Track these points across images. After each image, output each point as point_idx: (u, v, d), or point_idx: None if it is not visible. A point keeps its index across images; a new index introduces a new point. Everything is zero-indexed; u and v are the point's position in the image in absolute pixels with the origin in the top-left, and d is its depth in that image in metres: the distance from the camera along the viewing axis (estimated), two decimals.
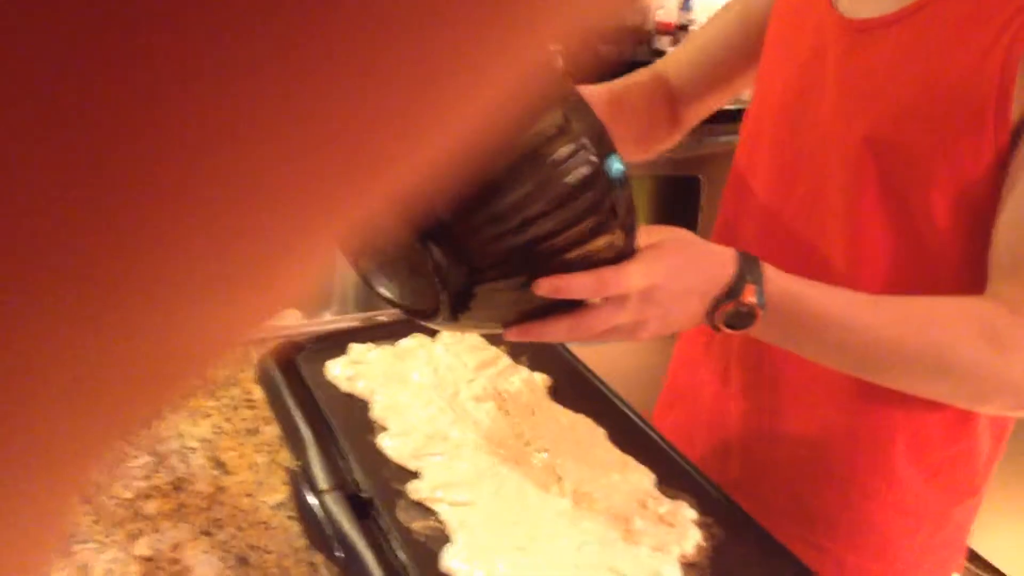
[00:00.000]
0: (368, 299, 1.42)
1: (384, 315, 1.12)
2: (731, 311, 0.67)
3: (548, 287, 0.60)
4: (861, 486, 0.86)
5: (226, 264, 0.11)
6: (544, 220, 0.57)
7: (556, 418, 0.83)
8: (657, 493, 0.74)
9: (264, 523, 0.76)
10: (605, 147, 0.59)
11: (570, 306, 0.63)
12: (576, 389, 0.88)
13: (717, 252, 0.68)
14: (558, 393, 0.87)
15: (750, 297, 0.66)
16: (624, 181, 0.60)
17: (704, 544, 0.69)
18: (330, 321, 1.09)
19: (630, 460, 0.78)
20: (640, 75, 1.01)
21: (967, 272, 0.75)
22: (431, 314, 0.64)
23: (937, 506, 0.87)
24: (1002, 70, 0.69)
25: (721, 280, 0.66)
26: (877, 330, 0.69)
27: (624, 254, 0.63)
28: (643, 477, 0.76)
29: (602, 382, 0.91)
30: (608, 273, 0.61)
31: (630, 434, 0.82)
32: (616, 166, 0.60)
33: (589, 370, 0.92)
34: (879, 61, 0.77)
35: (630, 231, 0.62)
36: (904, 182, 0.76)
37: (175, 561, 0.71)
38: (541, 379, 0.88)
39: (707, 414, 0.97)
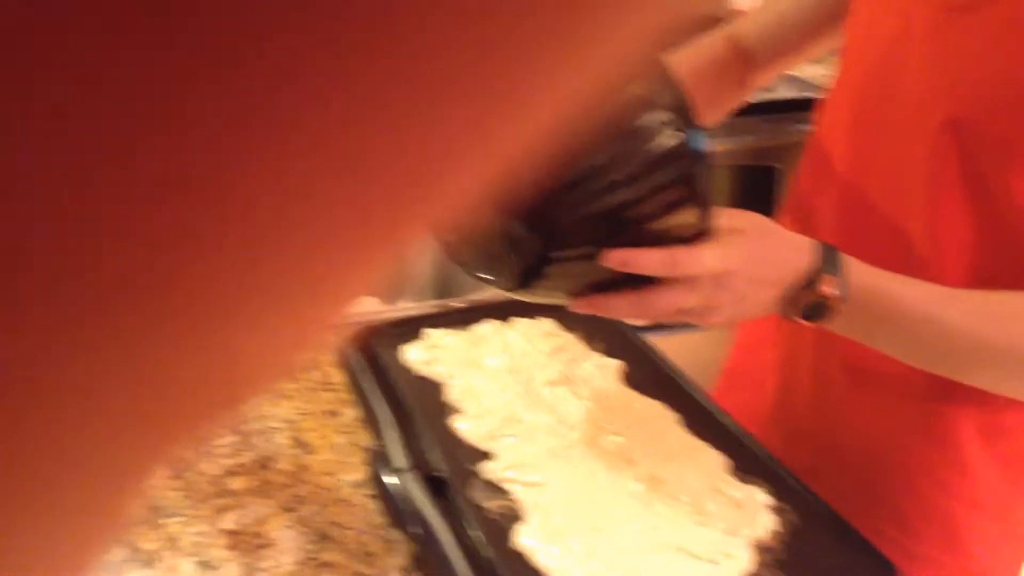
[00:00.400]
0: (443, 286, 1.44)
1: (459, 301, 1.14)
2: (808, 303, 0.66)
3: (618, 259, 0.59)
4: (933, 477, 0.84)
5: (303, 278, 0.11)
6: (622, 189, 0.57)
7: (629, 403, 0.83)
8: (730, 478, 0.74)
9: (344, 501, 0.79)
10: (689, 122, 0.59)
11: (641, 284, 0.63)
12: (649, 375, 0.88)
13: (795, 241, 0.67)
14: (631, 379, 0.88)
15: (828, 288, 0.65)
16: (705, 158, 0.60)
17: (779, 530, 0.69)
18: (406, 308, 1.11)
19: (704, 445, 0.78)
20: (715, 40, 0.99)
21: None
22: (503, 280, 0.64)
23: (1010, 498, 0.85)
24: None
25: (798, 270, 0.65)
26: (960, 327, 0.67)
27: (700, 235, 0.62)
28: (717, 462, 0.76)
29: (675, 368, 0.91)
30: (681, 252, 0.61)
31: (704, 420, 0.82)
32: (699, 142, 0.60)
33: (662, 356, 0.92)
34: (969, 41, 0.75)
35: (707, 211, 0.62)
36: (987, 167, 0.74)
37: (259, 535, 0.74)
38: (614, 365, 0.89)
39: (773, 399, 0.95)
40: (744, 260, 0.64)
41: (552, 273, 0.62)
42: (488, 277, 0.66)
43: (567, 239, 0.60)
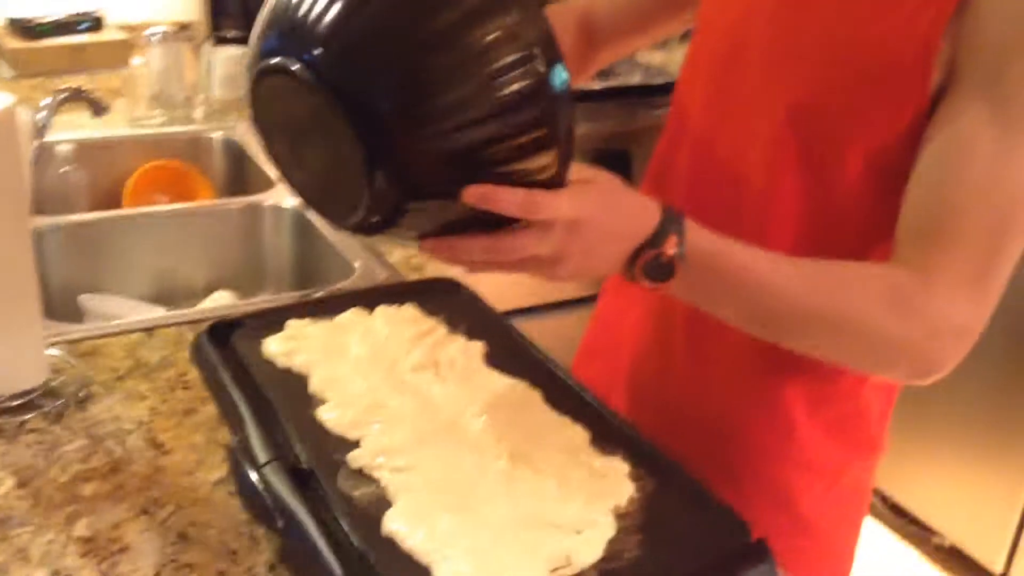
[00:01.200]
0: (304, 279, 1.41)
1: (321, 292, 1.12)
2: (651, 261, 0.66)
3: (476, 194, 0.58)
4: (762, 443, 0.88)
5: None
6: (482, 126, 0.57)
7: (492, 383, 0.84)
8: (591, 449, 0.76)
9: (205, 500, 0.77)
10: (553, 58, 0.58)
11: (492, 228, 0.62)
12: (511, 355, 0.89)
13: (643, 200, 0.68)
14: (494, 359, 0.89)
15: (671, 248, 0.66)
16: (567, 98, 0.59)
17: (637, 495, 0.71)
18: (267, 300, 1.09)
19: (565, 420, 0.80)
20: (563, 10, 1.00)
21: (875, 234, 0.77)
22: (356, 222, 0.63)
23: (836, 462, 0.90)
24: (925, 38, 0.70)
25: (646, 228, 0.66)
26: (789, 292, 0.70)
27: (556, 182, 0.62)
28: (578, 435, 0.77)
29: (536, 347, 0.92)
30: (539, 194, 0.60)
31: (565, 395, 0.83)
32: (562, 78, 0.59)
33: (523, 335, 0.94)
34: (806, 22, 0.78)
35: (566, 157, 0.62)
36: (821, 142, 0.78)
37: (115, 540, 0.71)
38: (477, 347, 0.90)
39: (625, 369, 0.98)
40: (596, 210, 0.64)
41: (406, 217, 0.61)
42: (341, 219, 0.65)
43: (421, 181, 0.59)
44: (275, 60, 0.60)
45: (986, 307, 0.70)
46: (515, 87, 0.57)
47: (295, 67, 0.58)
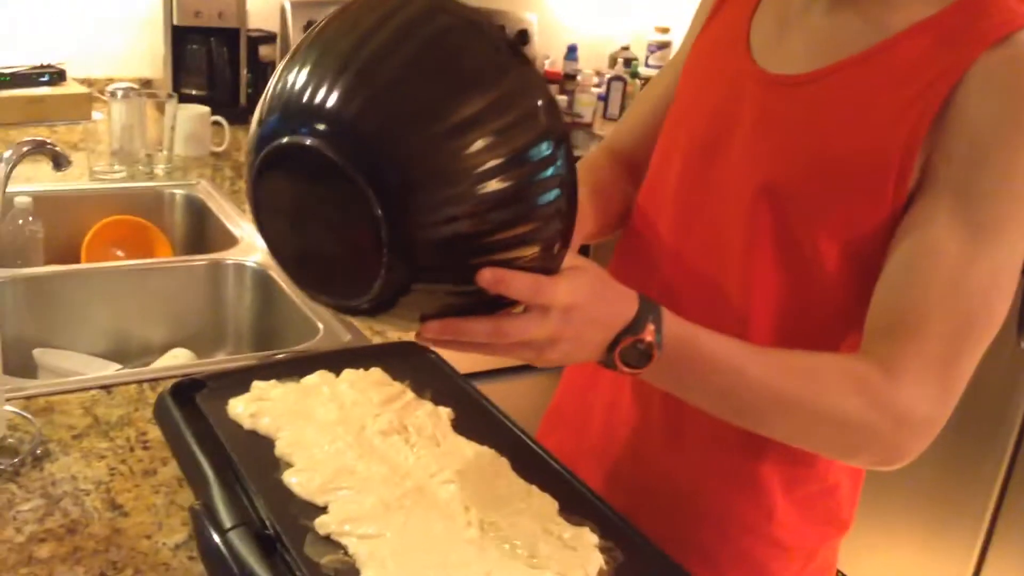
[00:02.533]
0: (264, 338, 1.40)
1: (284, 353, 1.12)
2: (629, 347, 0.68)
3: (491, 277, 0.60)
4: (740, 520, 0.89)
5: None
6: (497, 212, 0.59)
7: (460, 449, 0.84)
8: (560, 519, 0.76)
9: (164, 564, 0.75)
10: (571, 154, 0.62)
11: (488, 311, 0.63)
12: (479, 421, 0.90)
13: (624, 289, 0.70)
14: (461, 425, 0.89)
15: (649, 335, 0.68)
16: (575, 195, 0.62)
17: (606, 568, 0.71)
18: (228, 360, 1.07)
19: (533, 488, 0.80)
20: (596, 157, 1.03)
21: (853, 317, 0.80)
22: (355, 306, 0.64)
23: (811, 541, 0.91)
24: (906, 142, 0.73)
25: (626, 315, 0.68)
26: (761, 381, 0.72)
27: (553, 268, 0.64)
28: (546, 504, 0.78)
29: (503, 413, 0.93)
30: (544, 279, 0.62)
31: (532, 463, 0.84)
32: (575, 178, 0.62)
33: (490, 402, 0.94)
34: (792, 114, 0.81)
35: (564, 245, 0.64)
36: (798, 231, 0.80)
37: None
38: (445, 412, 0.90)
39: (595, 440, 0.99)
40: (587, 298, 0.66)
41: (409, 298, 0.62)
42: (338, 302, 0.65)
43: (432, 263, 0.60)
44: (294, 138, 0.60)
45: (949, 401, 0.73)
46: (537, 182, 0.60)
47: (316, 143, 0.59)
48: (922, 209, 0.74)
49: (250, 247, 1.46)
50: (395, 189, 0.58)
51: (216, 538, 0.69)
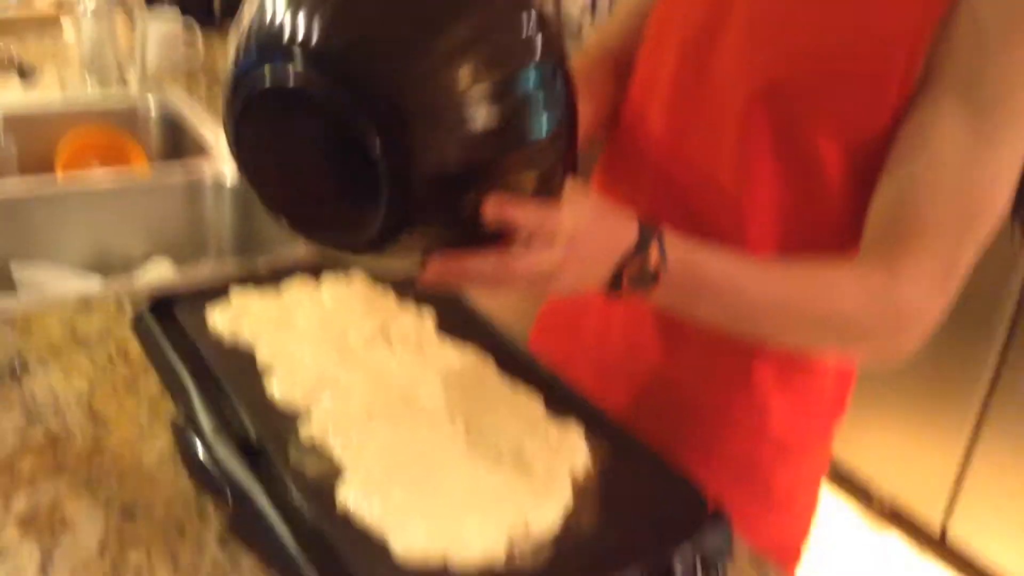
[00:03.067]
0: (245, 248, 1.38)
1: (265, 261, 1.10)
2: (636, 273, 0.66)
3: (495, 207, 0.57)
4: (736, 420, 0.89)
5: None
6: (495, 139, 0.57)
7: (444, 355, 0.83)
8: (547, 419, 0.75)
9: (149, 474, 0.74)
10: (570, 76, 0.59)
11: (490, 243, 0.61)
12: (462, 324, 0.88)
13: (623, 213, 0.68)
14: (446, 329, 0.87)
15: (654, 259, 0.66)
16: (575, 119, 0.60)
17: (594, 464, 0.71)
18: (206, 269, 1.06)
19: (519, 390, 0.79)
20: (584, 56, 0.98)
21: (854, 226, 0.78)
22: (353, 244, 0.61)
23: (805, 437, 0.91)
24: (911, 36, 0.71)
25: (629, 240, 0.66)
26: (766, 293, 0.72)
27: (555, 195, 0.62)
28: (532, 405, 0.77)
29: (487, 316, 0.91)
30: (548, 209, 0.60)
31: (517, 365, 0.83)
32: (575, 100, 0.59)
33: (474, 305, 0.93)
34: (785, 12, 0.77)
35: (568, 170, 0.62)
36: (797, 132, 0.77)
37: (56, 516, 0.69)
38: (428, 316, 0.88)
39: (588, 342, 0.98)
40: (590, 223, 0.64)
41: (410, 235, 0.59)
42: (335, 243, 0.63)
43: (428, 198, 0.57)
44: (278, 78, 0.56)
45: (948, 297, 0.73)
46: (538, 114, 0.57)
47: (303, 83, 0.55)
48: (925, 107, 0.72)
49: (225, 155, 1.42)
50: (390, 121, 0.55)
51: (199, 449, 0.69)
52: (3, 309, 0.97)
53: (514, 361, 0.84)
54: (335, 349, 0.82)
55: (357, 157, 0.56)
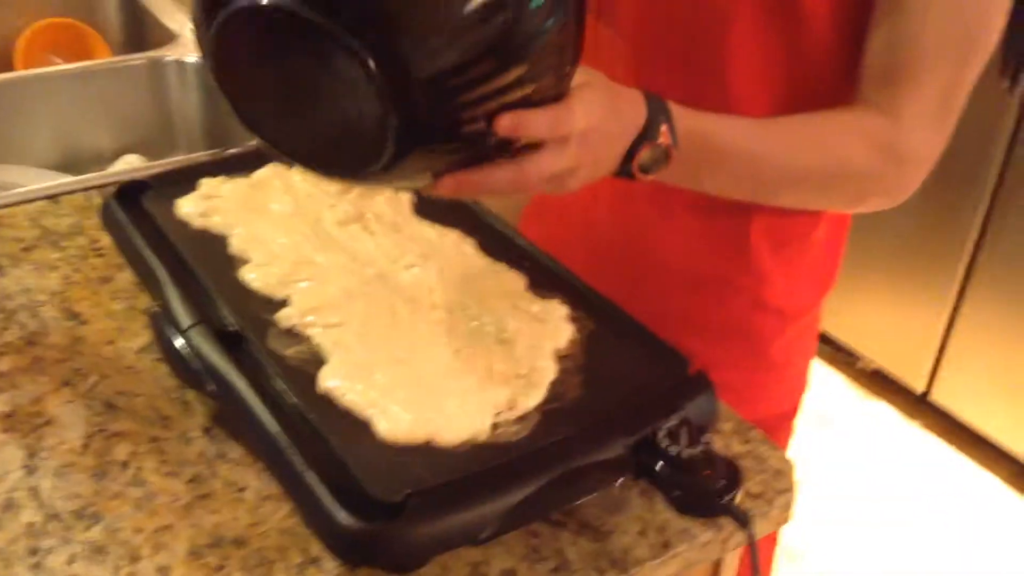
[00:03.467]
0: (216, 137, 1.34)
1: (235, 148, 1.07)
2: (648, 155, 0.64)
3: (508, 123, 0.54)
4: (733, 289, 0.88)
5: None
6: (499, 46, 0.52)
7: (423, 233, 0.81)
8: (529, 295, 0.74)
9: (129, 368, 0.74)
10: None
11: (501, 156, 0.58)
12: (441, 204, 0.86)
13: (628, 93, 0.64)
14: (423, 210, 0.85)
15: (664, 139, 0.64)
16: (583, 10, 0.56)
17: (577, 337, 0.71)
18: (176, 160, 1.02)
19: (501, 267, 0.78)
20: None
21: (842, 84, 0.75)
22: (373, 167, 0.55)
23: (801, 301, 0.90)
24: None
25: (637, 123, 0.63)
26: (775, 155, 0.71)
27: (563, 93, 0.58)
28: (515, 281, 0.76)
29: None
30: (560, 111, 0.57)
31: (499, 243, 0.81)
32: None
33: None
34: None
35: (575, 63, 0.58)
36: None
37: (37, 414, 0.68)
38: (405, 197, 0.86)
39: (578, 226, 0.96)
40: (601, 116, 0.60)
41: (415, 158, 0.55)
42: (354, 170, 0.58)
43: (436, 115, 0.53)
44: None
45: (946, 135, 0.73)
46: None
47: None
48: None
49: (191, 43, 1.37)
50: (385, 37, 0.50)
51: (177, 339, 0.68)
52: None
53: (496, 239, 0.82)
54: (310, 233, 0.80)
55: (357, 81, 0.51)
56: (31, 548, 0.58)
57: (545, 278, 0.77)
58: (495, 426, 0.62)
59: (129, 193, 0.86)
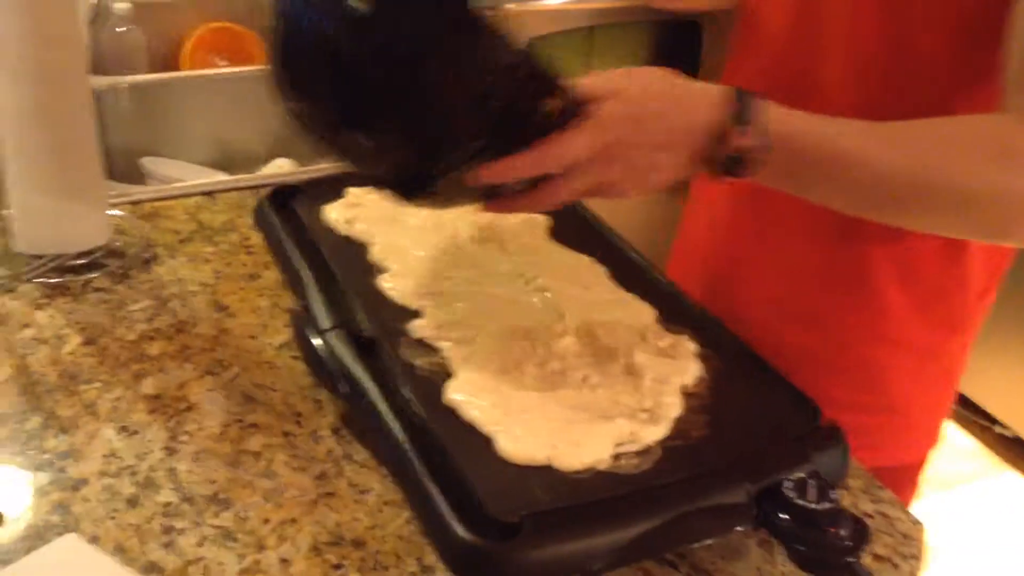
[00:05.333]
0: None
1: None
2: (723, 158, 0.62)
3: (490, 176, 0.59)
4: (852, 323, 0.84)
5: None
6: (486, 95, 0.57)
7: (557, 257, 0.82)
8: (659, 328, 0.74)
9: (269, 363, 0.77)
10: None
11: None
12: (577, 230, 0.87)
13: (698, 94, 0.63)
14: (559, 233, 0.86)
15: (742, 140, 0.61)
16: (526, 54, 0.59)
17: (705, 375, 0.70)
18: (325, 167, 1.07)
19: (632, 297, 0.78)
20: None
21: (958, 82, 0.72)
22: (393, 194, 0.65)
23: (928, 339, 0.85)
24: None
25: (696, 125, 0.62)
26: (892, 163, 0.63)
27: (569, 113, 0.60)
28: (645, 313, 0.76)
29: (602, 223, 0.90)
30: (550, 145, 0.59)
31: (632, 273, 0.81)
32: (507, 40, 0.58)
33: (589, 211, 0.91)
34: None
35: (558, 90, 0.60)
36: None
37: (181, 399, 0.72)
38: (542, 220, 0.87)
39: (701, 252, 0.95)
40: (623, 127, 0.60)
41: (439, 187, 0.61)
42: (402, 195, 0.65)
43: (451, 152, 0.58)
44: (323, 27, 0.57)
45: None
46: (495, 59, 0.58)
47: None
48: None
49: None
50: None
51: (315, 340, 0.70)
52: (133, 199, 1.01)
53: (629, 268, 0.82)
54: (447, 248, 0.82)
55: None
56: (165, 527, 0.61)
57: (676, 312, 0.77)
58: (616, 457, 0.62)
59: (281, 196, 0.90)
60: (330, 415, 0.71)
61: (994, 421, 2.24)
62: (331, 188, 0.92)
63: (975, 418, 2.28)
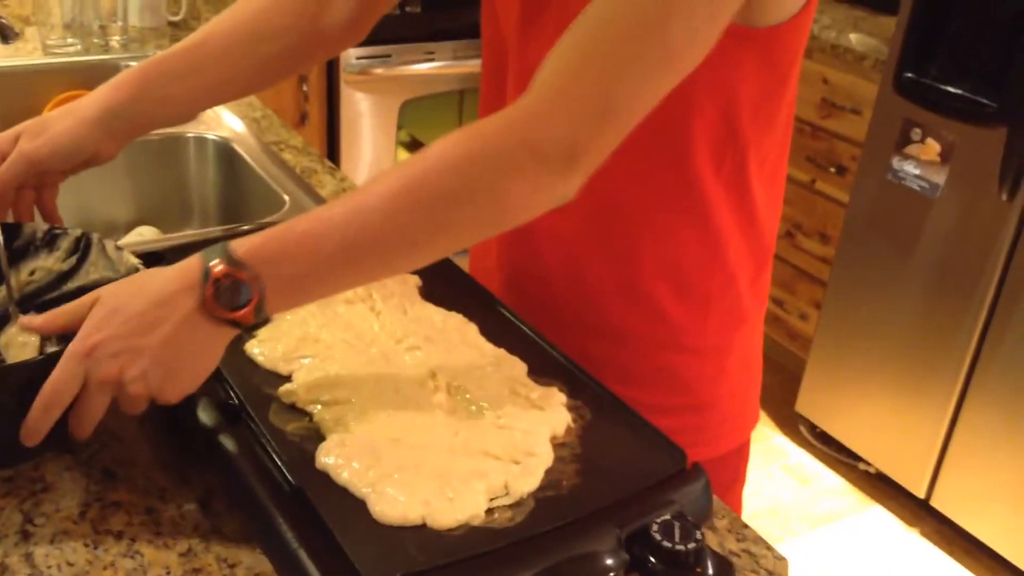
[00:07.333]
0: (231, 213, 1.37)
1: (248, 225, 1.09)
2: (219, 293, 0.62)
3: (28, 442, 0.63)
4: (639, 334, 0.88)
5: None
6: None
7: (428, 316, 0.83)
8: (529, 381, 0.75)
9: (130, 437, 0.74)
10: None
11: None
12: (447, 288, 0.88)
13: (167, 272, 0.65)
14: (429, 292, 0.87)
15: (222, 270, 0.62)
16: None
17: (574, 425, 0.71)
18: (188, 235, 1.05)
19: (502, 352, 0.79)
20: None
21: None
22: None
23: (714, 339, 0.90)
24: None
25: (174, 291, 0.63)
26: (373, 206, 0.64)
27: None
28: (515, 367, 0.77)
29: (471, 279, 0.91)
30: (45, 389, 0.62)
31: (501, 328, 0.83)
32: None
33: (459, 269, 0.92)
34: None
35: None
36: None
37: (36, 479, 0.68)
38: (412, 280, 0.88)
39: (499, 274, 0.98)
40: (97, 332, 0.62)
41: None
42: None
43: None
44: None
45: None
46: None
47: None
48: None
49: (212, 120, 1.41)
50: None
51: (180, 408, 0.69)
52: None
53: (499, 324, 0.83)
54: (316, 310, 0.82)
55: None
56: None
57: (545, 364, 0.78)
58: (490, 511, 0.62)
59: (144, 265, 0.88)
60: (197, 488, 0.69)
61: (858, 459, 2.34)
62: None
63: (840, 457, 2.38)
